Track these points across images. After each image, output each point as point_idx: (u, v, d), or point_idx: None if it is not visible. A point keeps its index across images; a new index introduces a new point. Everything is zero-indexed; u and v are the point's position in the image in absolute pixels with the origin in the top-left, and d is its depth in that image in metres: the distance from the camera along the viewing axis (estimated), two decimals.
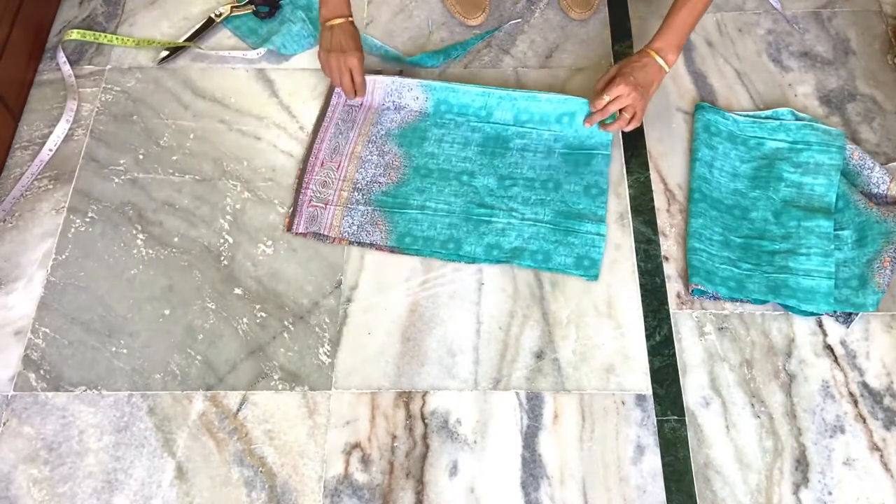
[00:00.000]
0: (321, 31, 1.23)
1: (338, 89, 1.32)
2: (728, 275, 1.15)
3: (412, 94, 1.30)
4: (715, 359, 1.11)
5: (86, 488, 1.03)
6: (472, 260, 1.18)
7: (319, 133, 1.29)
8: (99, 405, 1.08)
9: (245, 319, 1.15)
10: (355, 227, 1.20)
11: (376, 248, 1.20)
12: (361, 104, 1.31)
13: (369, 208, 1.22)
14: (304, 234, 1.21)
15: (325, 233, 1.20)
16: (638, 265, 1.19)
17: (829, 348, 1.12)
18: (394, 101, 1.31)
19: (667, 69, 1.17)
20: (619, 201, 1.24)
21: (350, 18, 1.23)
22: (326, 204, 1.22)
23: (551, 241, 1.18)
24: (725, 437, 1.06)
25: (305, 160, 1.27)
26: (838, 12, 1.45)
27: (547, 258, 1.17)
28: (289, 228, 1.21)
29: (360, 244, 1.20)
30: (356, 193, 1.23)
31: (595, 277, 1.17)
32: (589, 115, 1.23)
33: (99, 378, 1.10)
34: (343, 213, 1.21)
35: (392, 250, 1.19)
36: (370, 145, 1.27)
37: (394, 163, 1.26)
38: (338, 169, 1.25)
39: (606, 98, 1.17)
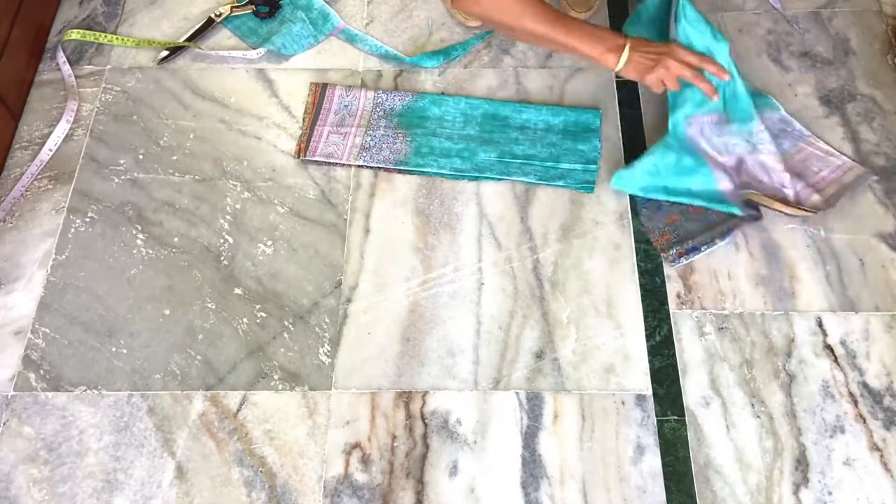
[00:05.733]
0: (623, 72, 1.12)
1: (333, 93, 1.34)
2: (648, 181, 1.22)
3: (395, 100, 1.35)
4: (715, 359, 1.11)
5: (86, 488, 1.03)
6: (482, 171, 1.26)
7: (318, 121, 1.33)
8: (99, 405, 1.08)
9: (245, 319, 1.15)
10: (376, 140, 1.28)
11: (384, 170, 1.27)
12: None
13: (391, 123, 1.31)
14: (316, 162, 1.28)
15: (341, 157, 1.27)
16: (638, 265, 1.19)
17: (829, 348, 1.12)
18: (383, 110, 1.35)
19: None
20: (619, 201, 1.24)
21: (629, 38, 1.11)
22: (344, 136, 1.29)
23: (560, 147, 1.28)
24: (725, 437, 1.06)
25: (314, 110, 1.33)
26: (838, 12, 1.45)
27: (556, 162, 1.26)
28: (300, 154, 1.28)
29: (369, 167, 1.27)
30: (372, 127, 1.31)
31: (591, 189, 1.25)
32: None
33: (99, 378, 1.10)
34: (364, 132, 1.29)
35: (400, 171, 1.27)
36: (371, 131, 1.31)
37: (399, 138, 1.30)
38: (345, 138, 1.30)
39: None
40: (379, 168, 1.27)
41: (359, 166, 1.27)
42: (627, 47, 1.10)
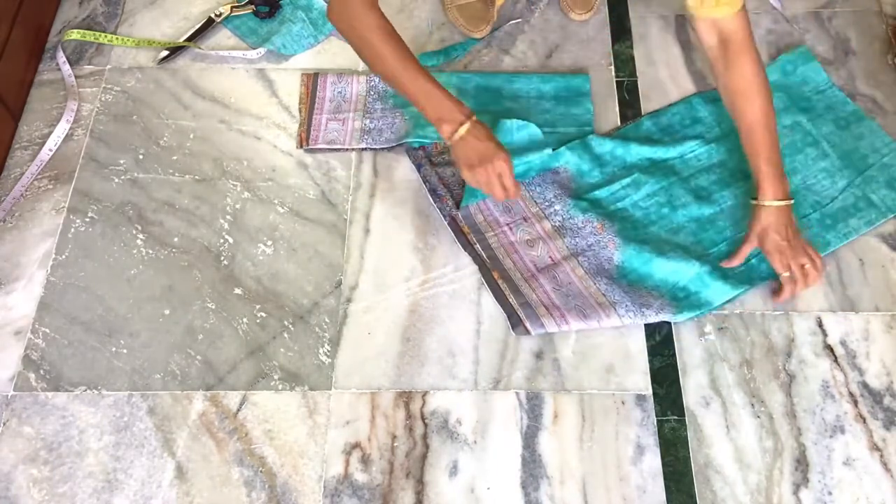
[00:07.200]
0: (453, 149, 1.08)
1: (325, 81, 1.35)
2: None
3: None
4: (715, 359, 1.11)
5: (86, 488, 1.03)
6: None
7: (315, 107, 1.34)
8: (99, 405, 1.08)
9: (245, 319, 1.15)
10: (375, 122, 1.29)
11: (388, 150, 1.28)
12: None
13: (388, 105, 1.32)
14: (318, 149, 1.29)
15: (344, 143, 1.28)
16: None
17: (829, 348, 1.12)
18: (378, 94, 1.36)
19: (784, 204, 1.09)
20: None
21: (473, 116, 1.07)
22: (343, 122, 1.30)
23: (554, 113, 1.32)
24: (725, 437, 1.06)
25: (310, 95, 1.34)
26: (838, 12, 1.45)
27: (552, 128, 1.28)
28: (302, 145, 1.29)
29: (373, 149, 1.28)
30: (369, 112, 1.32)
31: None
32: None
33: (99, 378, 1.10)
34: (363, 116, 1.30)
35: (402, 145, 1.27)
36: (369, 114, 1.32)
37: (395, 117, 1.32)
38: (343, 124, 1.31)
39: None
40: (383, 148, 1.28)
41: (363, 149, 1.28)
42: (467, 125, 1.06)
